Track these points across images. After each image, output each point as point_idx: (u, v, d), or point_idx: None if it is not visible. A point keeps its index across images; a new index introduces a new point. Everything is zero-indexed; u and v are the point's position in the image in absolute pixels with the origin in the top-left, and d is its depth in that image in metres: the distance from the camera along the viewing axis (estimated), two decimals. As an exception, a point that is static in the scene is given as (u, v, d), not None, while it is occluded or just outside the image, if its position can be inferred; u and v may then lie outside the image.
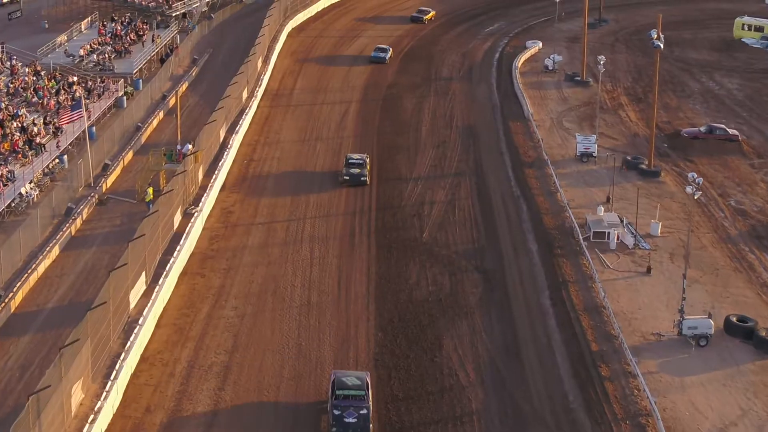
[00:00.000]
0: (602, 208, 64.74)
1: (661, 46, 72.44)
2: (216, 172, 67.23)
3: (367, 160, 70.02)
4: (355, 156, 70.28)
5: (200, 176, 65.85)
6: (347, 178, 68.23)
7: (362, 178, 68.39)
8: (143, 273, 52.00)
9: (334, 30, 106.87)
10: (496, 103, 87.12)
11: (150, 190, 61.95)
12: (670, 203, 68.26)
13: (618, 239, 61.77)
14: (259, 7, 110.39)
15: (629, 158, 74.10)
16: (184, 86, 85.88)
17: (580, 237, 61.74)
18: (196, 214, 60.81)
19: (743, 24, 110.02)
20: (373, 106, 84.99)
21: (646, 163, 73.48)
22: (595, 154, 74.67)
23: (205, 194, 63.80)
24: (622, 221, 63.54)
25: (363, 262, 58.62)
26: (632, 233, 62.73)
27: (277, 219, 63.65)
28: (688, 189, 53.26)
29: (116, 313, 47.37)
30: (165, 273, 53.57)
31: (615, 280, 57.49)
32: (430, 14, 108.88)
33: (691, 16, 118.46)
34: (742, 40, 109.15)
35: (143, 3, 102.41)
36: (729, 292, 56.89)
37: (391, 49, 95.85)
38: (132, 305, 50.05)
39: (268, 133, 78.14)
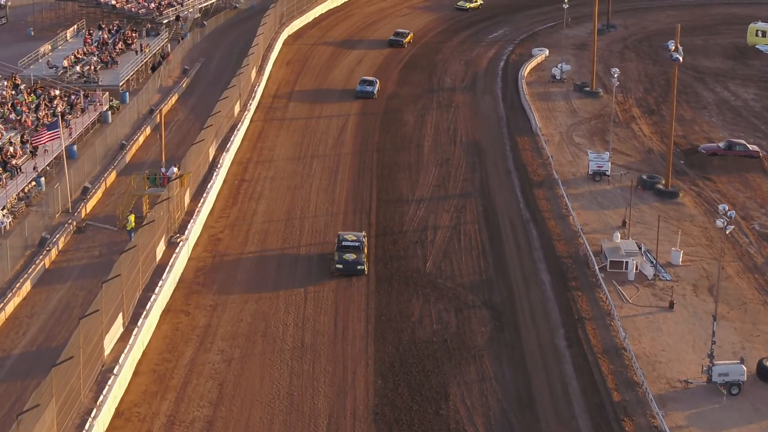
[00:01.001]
0: (618, 234, 59.69)
1: (680, 59, 67.26)
2: (204, 195, 62.15)
3: (365, 240, 56.67)
4: (350, 237, 56.37)
5: (187, 200, 60.79)
6: (340, 266, 54.66)
7: (359, 267, 54.72)
8: (120, 314, 46.96)
9: (332, 37, 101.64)
10: (502, 116, 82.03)
11: (131, 218, 56.87)
12: (689, 227, 63.25)
13: (637, 269, 56.78)
14: (254, 12, 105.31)
15: (645, 177, 69.03)
16: (174, 98, 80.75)
17: (596, 267, 56.72)
18: (181, 244, 55.77)
19: (757, 30, 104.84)
20: (372, 119, 79.90)
21: (663, 182, 68.43)
22: (608, 173, 69.60)
23: (192, 220, 58.74)
24: (640, 248, 58.51)
25: (361, 296, 53.56)
26: (652, 262, 57.71)
27: (269, 247, 58.59)
28: (719, 222, 48.14)
29: (87, 363, 42.34)
30: (145, 312, 48.52)
31: (635, 316, 52.48)
32: (409, 36, 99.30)
33: (701, 22, 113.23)
34: (756, 47, 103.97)
35: (133, 9, 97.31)
36: (759, 329, 51.93)
37: (378, 81, 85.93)
38: (107, 352, 45.04)
39: (261, 150, 73.02)
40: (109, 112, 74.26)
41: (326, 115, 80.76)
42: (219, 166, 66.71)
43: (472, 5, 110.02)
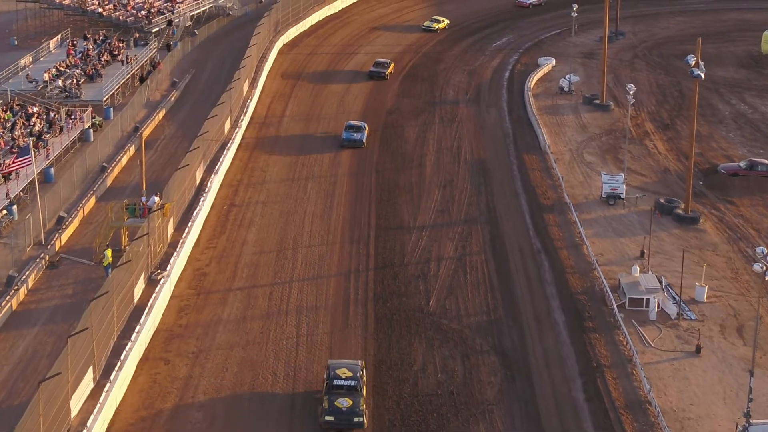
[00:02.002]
0: (637, 268, 54.56)
1: (702, 75, 62.06)
2: (189, 223, 56.98)
3: (363, 375, 43.70)
4: (343, 374, 42.89)
5: (170, 231, 55.64)
6: (330, 419, 41.25)
7: (356, 419, 41.24)
8: (90, 368, 41.85)
9: (330, 46, 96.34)
10: (509, 132, 76.82)
11: (108, 253, 51.70)
12: (712, 258, 58.15)
13: (658, 307, 51.67)
14: (248, 20, 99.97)
15: (662, 201, 63.87)
16: (161, 114, 75.55)
17: (614, 304, 51.63)
18: (162, 281, 50.63)
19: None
20: (371, 136, 74.60)
21: (683, 207, 63.29)
22: (623, 196, 64.48)
23: (175, 253, 53.57)
24: (660, 283, 53.39)
25: (358, 340, 48.45)
26: (674, 299, 52.63)
27: (258, 283, 53.46)
28: (756, 267, 42.95)
29: (50, 429, 37.22)
30: (119, 364, 43.41)
31: (659, 363, 47.36)
32: (391, 67, 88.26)
33: (713, 28, 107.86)
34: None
35: (121, 18, 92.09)
36: (796, 378, 46.83)
37: (366, 126, 73.88)
38: (73, 413, 39.92)
39: (253, 171, 67.81)
40: (91, 130, 69.09)
41: (322, 131, 75.55)
42: (207, 190, 61.55)
43: (439, 26, 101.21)
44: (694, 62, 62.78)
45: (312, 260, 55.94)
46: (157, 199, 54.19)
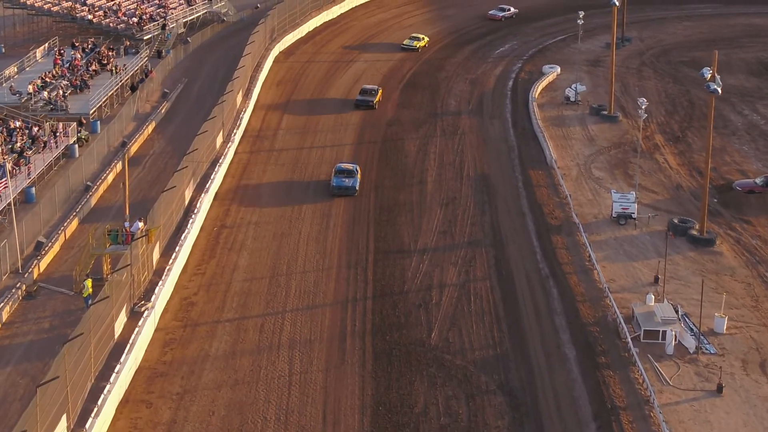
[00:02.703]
0: (652, 296, 50.98)
1: (719, 90, 58.47)
2: (177, 248, 53.38)
3: None
4: None
5: (155, 257, 52.05)
6: None
7: None
8: (63, 417, 38.26)
9: (328, 53, 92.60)
10: (513, 145, 73.16)
11: (88, 284, 48.09)
12: (730, 283, 54.59)
13: (676, 340, 48.08)
14: (243, 26, 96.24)
15: (676, 221, 60.24)
16: (151, 127, 71.92)
17: (628, 337, 48.02)
18: (146, 313, 47.03)
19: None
20: (370, 150, 71.09)
21: (697, 227, 59.68)
22: (634, 215, 60.86)
23: (161, 281, 49.98)
24: (677, 312, 49.81)
25: (356, 378, 44.87)
26: (692, 330, 49.04)
27: (249, 313, 49.87)
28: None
29: (16, 490, 33.70)
30: (96, 409, 39.85)
31: (678, 404, 43.78)
32: (378, 94, 79.80)
33: (721, 34, 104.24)
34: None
35: (111, 25, 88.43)
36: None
37: (358, 168, 65.62)
38: (44, 468, 36.37)
39: (246, 190, 64.16)
40: (76, 146, 65.50)
41: (319, 145, 71.97)
42: (196, 210, 57.93)
43: (420, 44, 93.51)
44: (710, 75, 59.18)
45: (306, 288, 52.35)
46: (141, 224, 50.62)
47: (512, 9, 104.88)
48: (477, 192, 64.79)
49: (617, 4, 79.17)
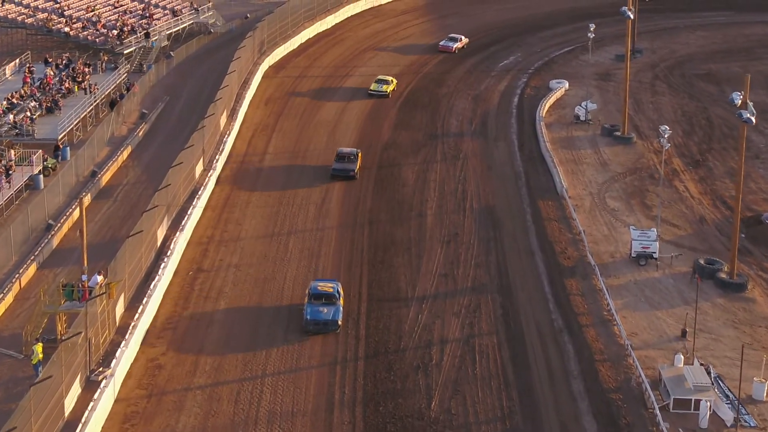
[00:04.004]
0: (681, 357, 44.47)
1: (753, 120, 51.99)
2: (145, 299, 46.84)
3: None
4: None
5: (120, 312, 45.53)
6: None
7: None
8: None
9: (320, 68, 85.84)
10: (520, 171, 66.59)
11: (38, 349, 41.55)
12: (764, 334, 48.12)
13: (710, 410, 41.61)
14: (232, 37, 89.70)
15: (702, 262, 53.71)
16: (125, 153, 65.39)
17: (656, 407, 41.55)
18: (104, 383, 40.55)
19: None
20: (364, 177, 64.54)
21: (726, 268, 53.19)
22: (656, 255, 54.35)
23: (124, 342, 43.47)
24: (709, 374, 43.37)
25: (344, 462, 38.46)
26: (728, 398, 42.57)
27: (224, 378, 43.34)
28: None
29: None
30: None
31: (717, 492, 37.39)
32: (359, 160, 65.06)
33: (737, 44, 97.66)
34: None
35: (89, 38, 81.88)
36: None
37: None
38: None
39: (227, 225, 57.60)
40: (41, 176, 59.01)
41: (309, 170, 65.35)
42: (169, 252, 51.39)
43: (389, 88, 79.47)
44: (740, 101, 52.67)
45: (289, 350, 45.68)
46: (100, 278, 44.06)
47: (464, 38, 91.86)
48: (481, 227, 58.27)
49: (631, 16, 72.52)
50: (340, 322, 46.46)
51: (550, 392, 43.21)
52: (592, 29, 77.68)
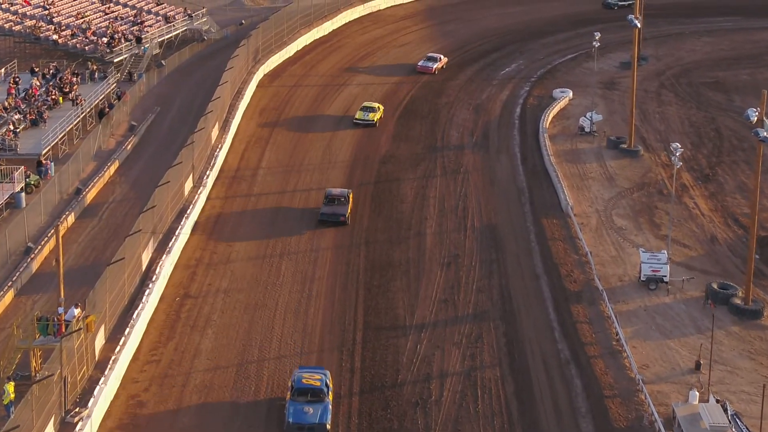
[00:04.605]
0: (696, 394, 41.58)
1: (772, 139, 49.11)
2: (127, 329, 43.97)
3: None
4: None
5: (99, 344, 42.62)
6: None
7: None
8: None
9: (317, 76, 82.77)
10: (523, 187, 63.67)
11: (9, 388, 38.64)
12: (785, 366, 45.31)
13: (729, 453, 38.82)
14: (227, 44, 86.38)
15: (715, 287, 50.82)
16: (113, 168, 62.48)
17: (671, 449, 38.76)
18: (80, 424, 37.67)
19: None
20: (361, 193, 61.62)
21: (741, 293, 50.28)
22: (666, 279, 51.46)
23: (102, 379, 40.57)
24: (725, 411, 40.52)
25: None
26: (746, 438, 39.75)
27: (210, 418, 40.41)
28: None
29: None
30: None
31: None
32: (350, 202, 58.43)
33: (744, 51, 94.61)
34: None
35: (78, 46, 78.91)
36: None
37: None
38: None
39: (216, 247, 54.67)
40: (23, 194, 56.11)
41: (303, 187, 62.49)
42: (154, 277, 48.47)
43: (376, 116, 72.60)
44: (756, 117, 49.74)
45: (281, 379, 42.90)
46: (77, 311, 41.14)
47: (443, 57, 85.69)
48: (483, 247, 55.36)
49: (638, 25, 69.54)
50: (328, 426, 38.97)
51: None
52: (597, 38, 74.69)
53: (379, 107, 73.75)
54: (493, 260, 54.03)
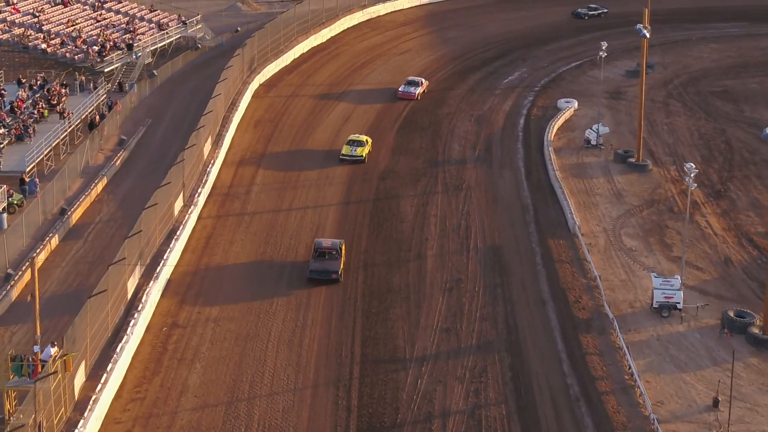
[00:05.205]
0: (716, 435, 38.88)
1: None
2: (110, 364, 41.14)
3: None
4: None
5: (80, 383, 39.78)
6: None
7: None
8: None
9: (315, 85, 79.90)
10: (528, 205, 60.77)
11: (-20, 434, 35.95)
12: (807, 402, 42.44)
13: (751, 503, 35.98)
14: (222, 52, 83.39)
15: (732, 315, 47.95)
16: (100, 185, 59.61)
17: (689, 499, 35.92)
18: (55, 474, 34.91)
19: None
20: (360, 210, 58.87)
21: (759, 322, 47.39)
22: (680, 306, 48.62)
23: (82, 421, 37.71)
24: (747, 454, 37.75)
25: None
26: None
27: (197, 462, 37.76)
28: None
29: None
30: None
31: None
32: (342, 257, 51.37)
33: (752, 58, 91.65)
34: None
35: (68, 55, 75.99)
36: None
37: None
38: None
39: (207, 270, 51.78)
40: (5, 214, 53.22)
41: (299, 206, 59.59)
42: (140, 307, 45.64)
43: (364, 151, 65.19)
44: (775, 137, 46.88)
45: (273, 420, 40.13)
46: (54, 350, 38.26)
47: (425, 81, 78.91)
48: (487, 271, 52.49)
49: (647, 35, 66.59)
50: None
51: (567, 479, 37.63)
52: (604, 47, 71.80)
53: (367, 140, 66.22)
54: (498, 285, 51.16)
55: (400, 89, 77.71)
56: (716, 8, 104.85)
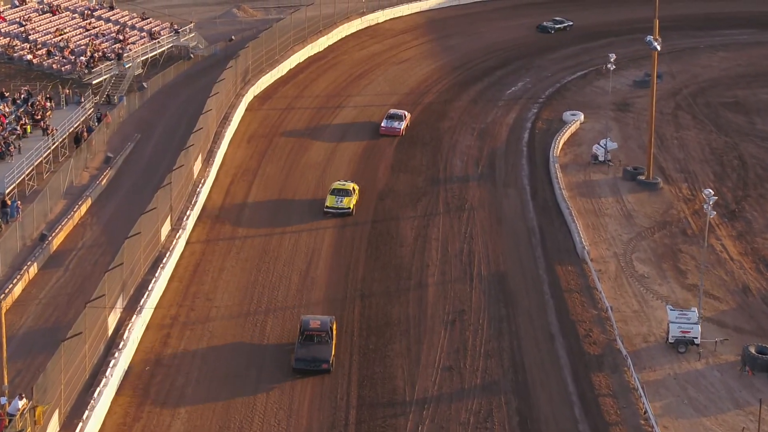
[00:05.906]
0: (742, 493, 35.53)
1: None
2: (86, 412, 37.79)
3: None
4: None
5: (52, 435, 36.51)
6: None
7: None
8: None
9: (311, 97, 76.41)
10: (534, 227, 57.38)
11: (-62, 499, 32.64)
12: (837, 450, 39.12)
13: None
14: (216, 61, 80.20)
15: (753, 351, 44.60)
16: (84, 207, 56.26)
17: None
18: None
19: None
20: (357, 235, 55.50)
21: (782, 359, 44.16)
22: (697, 341, 45.30)
23: (53, 479, 34.53)
24: None
25: None
26: None
27: None
28: None
29: None
30: None
31: None
32: (333, 335, 44.31)
33: (762, 67, 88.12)
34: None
35: (55, 67, 72.56)
36: None
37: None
38: None
39: (195, 300, 48.42)
40: (-19, 242, 49.97)
41: (293, 228, 56.19)
42: (122, 345, 42.27)
43: (351, 201, 57.37)
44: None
45: (262, 474, 36.88)
46: (21, 402, 34.92)
47: (407, 114, 71.68)
48: (492, 301, 49.13)
49: (658, 48, 63.18)
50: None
51: None
52: (612, 59, 68.39)
53: (354, 188, 58.66)
54: (503, 317, 47.80)
55: (382, 125, 69.91)
56: (724, 14, 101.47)
